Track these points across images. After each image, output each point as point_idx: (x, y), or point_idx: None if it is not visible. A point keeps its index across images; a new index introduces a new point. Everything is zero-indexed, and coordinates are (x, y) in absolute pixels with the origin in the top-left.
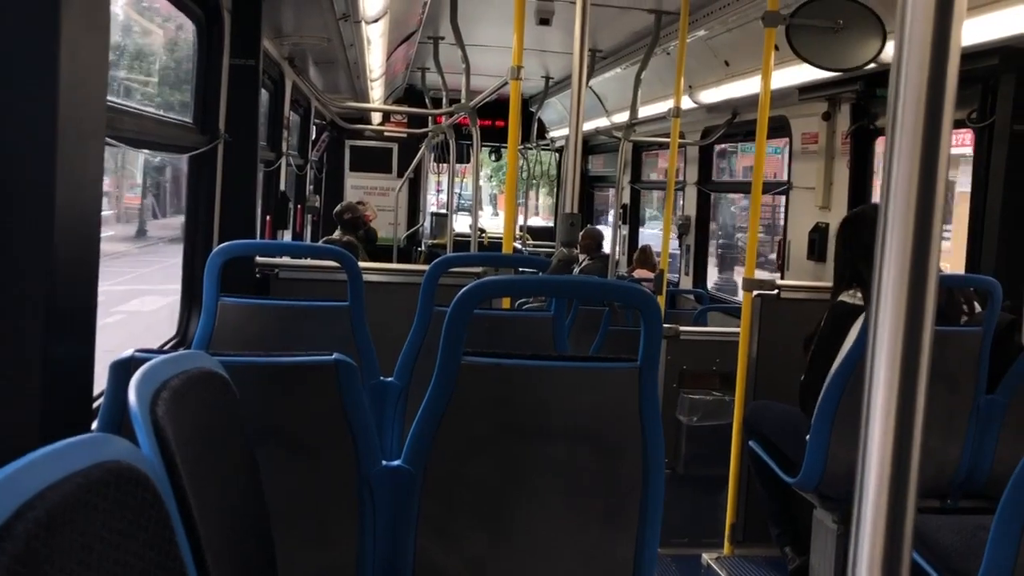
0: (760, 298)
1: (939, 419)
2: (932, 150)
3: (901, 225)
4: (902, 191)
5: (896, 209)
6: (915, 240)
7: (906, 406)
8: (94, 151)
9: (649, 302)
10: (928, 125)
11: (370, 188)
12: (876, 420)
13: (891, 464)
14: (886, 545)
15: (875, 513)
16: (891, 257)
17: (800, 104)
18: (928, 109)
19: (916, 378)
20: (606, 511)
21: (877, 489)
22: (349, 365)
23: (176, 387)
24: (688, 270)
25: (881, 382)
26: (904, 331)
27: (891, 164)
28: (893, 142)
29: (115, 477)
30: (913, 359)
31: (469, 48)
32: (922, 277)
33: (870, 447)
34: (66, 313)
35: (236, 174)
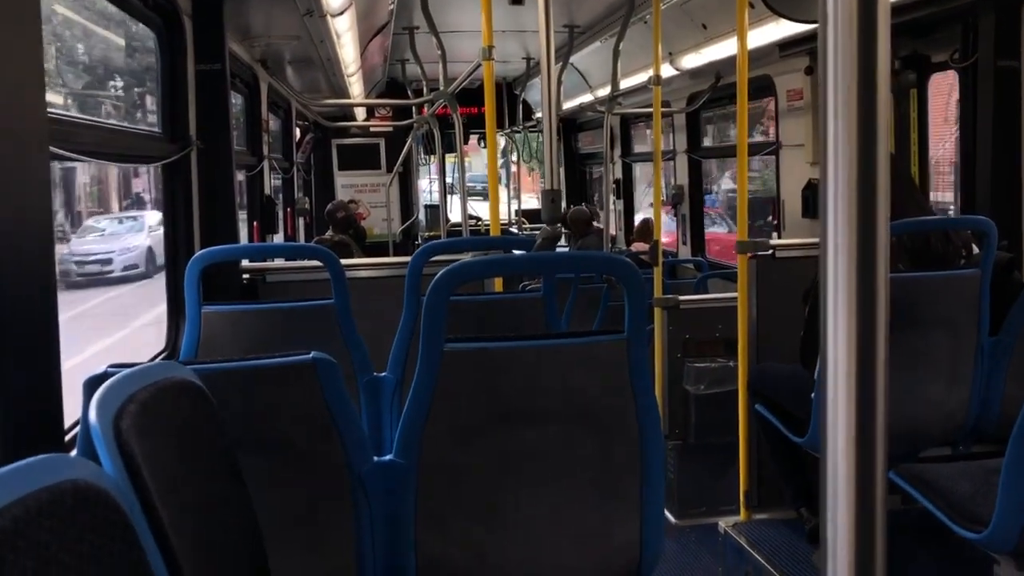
0: (756, 260)
1: (943, 365)
2: (869, 99)
3: (844, 175)
4: (843, 141)
5: (839, 159)
6: (859, 186)
7: (865, 356)
8: (37, 165)
9: (626, 269)
10: (862, 73)
11: (360, 186)
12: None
13: (855, 418)
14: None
15: (845, 474)
16: (833, 206)
17: (782, 61)
18: (861, 54)
19: (874, 328)
20: (606, 489)
21: (845, 445)
22: (328, 362)
23: (144, 400)
24: (685, 239)
25: (834, 334)
26: (857, 279)
27: (828, 120)
28: (828, 92)
29: (70, 498)
30: (868, 308)
31: (444, 35)
32: (871, 222)
33: (834, 403)
34: (23, 335)
35: (212, 180)
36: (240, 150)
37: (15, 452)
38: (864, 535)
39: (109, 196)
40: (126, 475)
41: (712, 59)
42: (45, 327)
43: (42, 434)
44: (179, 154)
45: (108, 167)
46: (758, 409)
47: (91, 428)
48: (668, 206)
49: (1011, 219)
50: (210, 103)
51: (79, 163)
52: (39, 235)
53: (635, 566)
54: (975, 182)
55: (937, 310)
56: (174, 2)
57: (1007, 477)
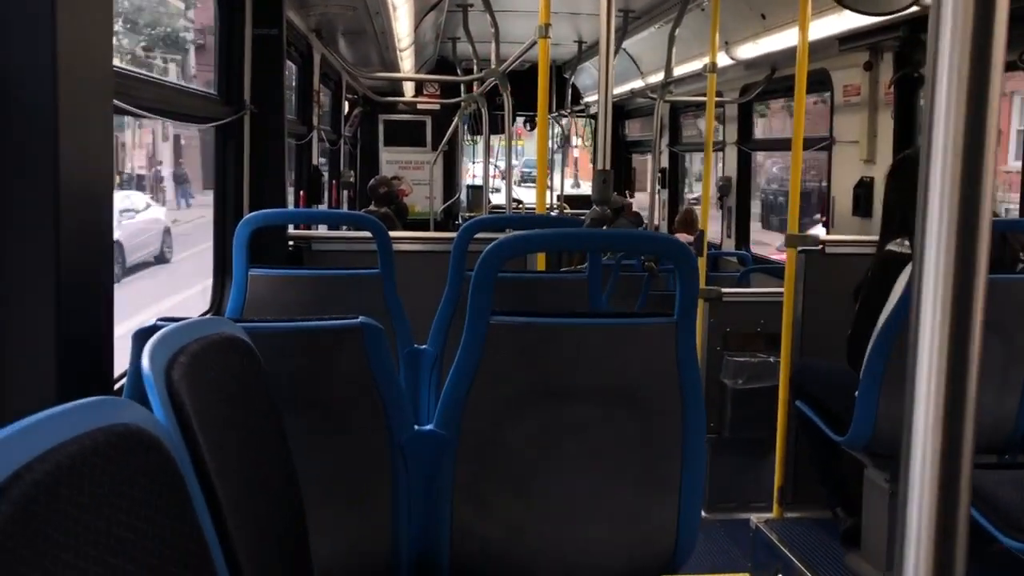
0: (804, 255)
1: (994, 372)
2: (980, 90)
3: (950, 170)
4: (949, 134)
5: (941, 153)
6: (963, 184)
7: (958, 359)
8: (101, 118)
9: (681, 251)
10: (974, 66)
11: (405, 162)
12: (923, 376)
13: (943, 422)
14: (939, 508)
15: (926, 475)
16: (937, 203)
17: (841, 55)
18: (974, 50)
19: (968, 330)
20: (645, 473)
21: (928, 449)
22: (375, 328)
23: (195, 352)
24: (730, 232)
25: (928, 334)
26: (954, 280)
27: (934, 109)
28: (935, 84)
29: (124, 440)
30: (964, 310)
31: (498, 14)
32: (973, 222)
33: (918, 405)
34: (79, 287)
35: (263, 146)
36: (291, 119)
37: (67, 396)
38: (946, 548)
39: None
40: (176, 424)
41: (769, 50)
42: (101, 279)
43: (93, 381)
44: (232, 117)
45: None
46: (799, 405)
47: (144, 375)
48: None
49: None
50: (265, 68)
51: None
52: (100, 185)
53: (669, 555)
54: None
55: (990, 315)
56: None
57: None
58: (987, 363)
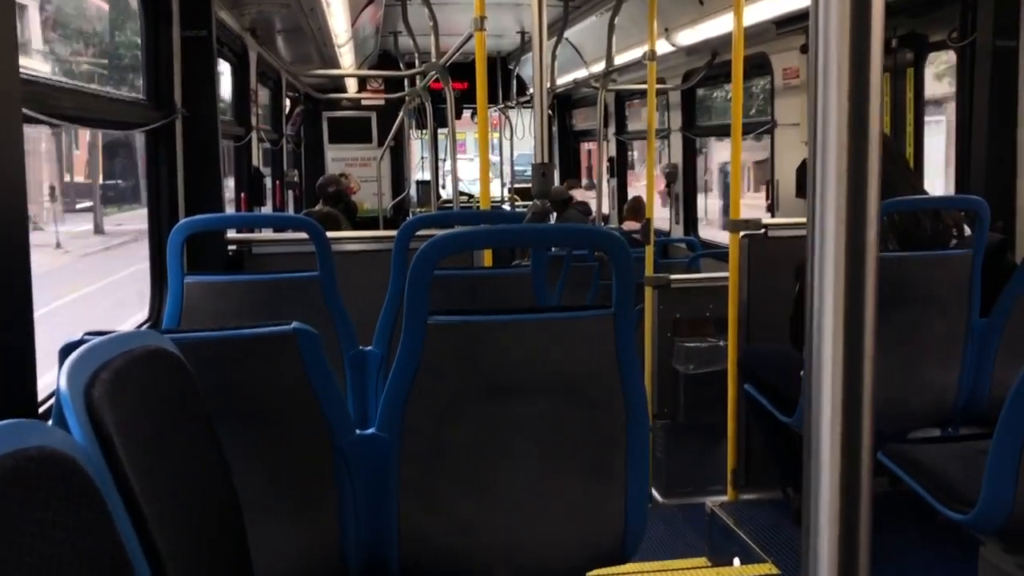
0: (748, 239)
1: (933, 346)
2: (862, 74)
3: (835, 154)
4: (833, 115)
5: (829, 132)
6: (851, 166)
7: (853, 341)
8: (8, 128)
9: (614, 243)
10: (855, 51)
11: (351, 159)
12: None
13: (842, 401)
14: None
15: (829, 456)
16: (827, 183)
17: (778, 39)
18: (854, 38)
19: (862, 310)
20: (591, 465)
21: (829, 433)
22: (309, 333)
23: (118, 367)
24: (678, 219)
25: (827, 314)
26: (846, 264)
27: (818, 95)
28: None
29: (36, 465)
30: (857, 290)
31: (436, 7)
32: (862, 204)
33: (819, 386)
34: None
35: (197, 149)
36: (227, 120)
37: None
38: (849, 516)
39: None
40: (96, 443)
41: (708, 36)
42: (19, 294)
43: (13, 403)
44: (163, 121)
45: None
46: (747, 389)
47: (60, 395)
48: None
49: (1005, 200)
50: (196, 71)
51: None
52: (11, 199)
53: (619, 543)
54: (970, 162)
55: (927, 290)
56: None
57: (994, 459)
58: (926, 338)
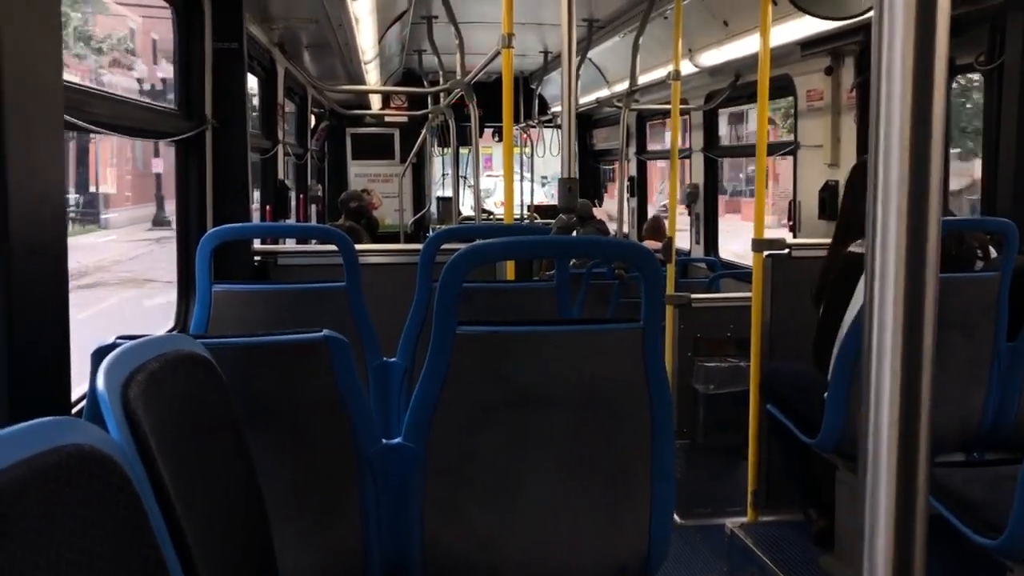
0: (771, 259)
1: (959, 370)
2: (925, 91)
3: (897, 172)
4: (895, 138)
5: (890, 157)
6: (912, 186)
7: (912, 359)
8: (51, 134)
9: (645, 256)
10: (918, 68)
11: (373, 175)
12: (883, 375)
13: (899, 419)
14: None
15: (887, 472)
16: (887, 205)
17: (803, 61)
18: (918, 54)
19: (921, 328)
20: (616, 480)
21: (887, 447)
22: (340, 341)
23: (153, 370)
24: (699, 239)
25: (887, 334)
26: (905, 280)
27: (879, 113)
28: (880, 89)
29: (76, 462)
30: (917, 308)
31: (463, 26)
32: (923, 224)
33: (878, 403)
34: (32, 306)
35: (226, 160)
36: (255, 133)
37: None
38: (904, 543)
39: None
40: (132, 443)
41: (732, 57)
42: (56, 296)
43: (49, 402)
44: (194, 131)
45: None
46: (769, 409)
47: (98, 395)
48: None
49: None
50: (226, 83)
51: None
52: (52, 202)
53: (642, 561)
54: (997, 185)
55: (954, 313)
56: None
57: (1023, 483)
58: (951, 361)
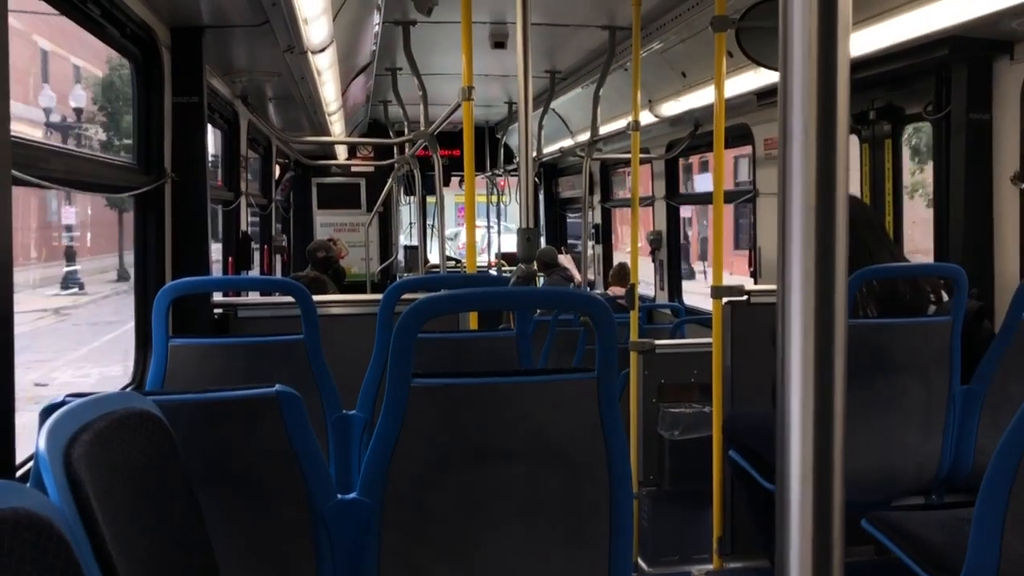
0: (731, 305)
1: (915, 413)
2: (828, 149)
3: (803, 226)
4: (800, 194)
5: (796, 213)
6: (818, 236)
7: (823, 403)
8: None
9: (597, 306)
10: (821, 129)
11: (340, 225)
12: (793, 421)
13: (813, 471)
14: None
15: (799, 534)
16: (794, 256)
17: (760, 110)
18: (820, 113)
19: (832, 377)
20: (574, 532)
21: (798, 513)
22: (292, 396)
23: (99, 429)
24: (663, 285)
25: (794, 381)
26: (815, 335)
27: (787, 165)
28: (787, 146)
29: (11, 526)
30: (827, 355)
31: (426, 77)
32: (830, 277)
33: (788, 455)
34: None
35: (186, 213)
36: (217, 186)
37: None
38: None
39: None
40: (73, 505)
41: (691, 107)
42: (1, 355)
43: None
44: (152, 185)
45: None
46: (732, 455)
47: (39, 456)
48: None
49: (982, 268)
50: (186, 136)
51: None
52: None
53: None
54: (948, 231)
55: (907, 357)
56: (152, 33)
57: (977, 526)
58: (907, 405)
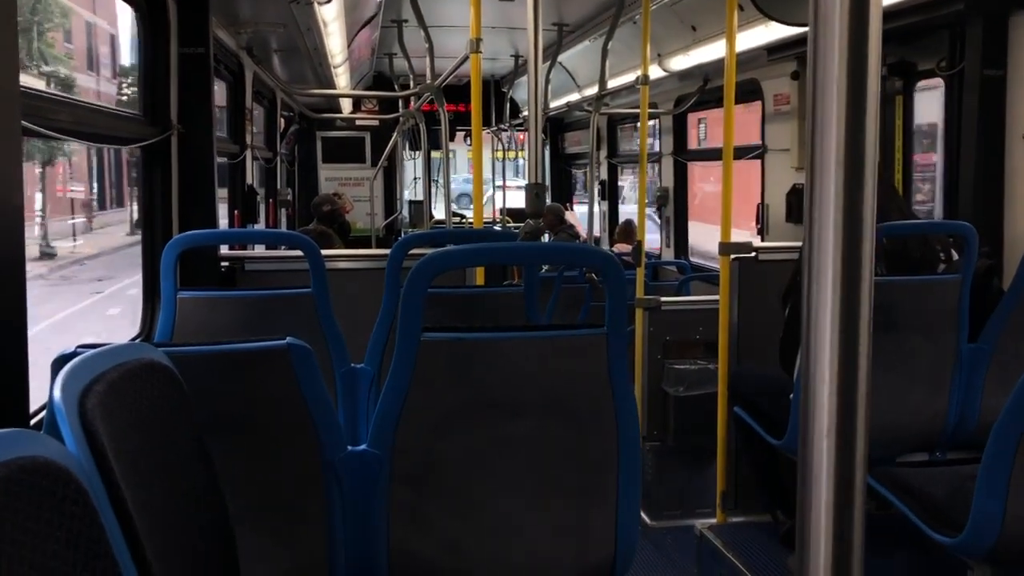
0: (738, 262)
1: (922, 371)
2: (859, 98)
3: (834, 177)
4: (830, 141)
5: (824, 165)
6: (847, 189)
7: (848, 359)
8: (8, 141)
9: (608, 262)
10: (852, 78)
11: (344, 179)
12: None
13: (837, 422)
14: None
15: (824, 480)
16: (822, 208)
17: (770, 65)
18: (851, 63)
19: (857, 332)
20: (581, 485)
21: (824, 448)
22: (303, 349)
23: (113, 380)
24: (669, 242)
25: (824, 338)
26: (842, 284)
27: (816, 120)
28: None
29: (29, 475)
30: (853, 310)
31: (432, 29)
32: (858, 230)
33: (816, 409)
34: None
35: (193, 166)
36: (222, 138)
37: None
38: (842, 539)
39: None
40: (89, 454)
41: (700, 61)
42: (14, 306)
43: (7, 413)
44: (159, 137)
45: None
46: (737, 411)
47: (54, 405)
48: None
49: (993, 226)
50: (192, 88)
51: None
52: (9, 210)
53: (609, 563)
54: (958, 189)
55: (916, 315)
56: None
57: (982, 483)
58: (914, 363)
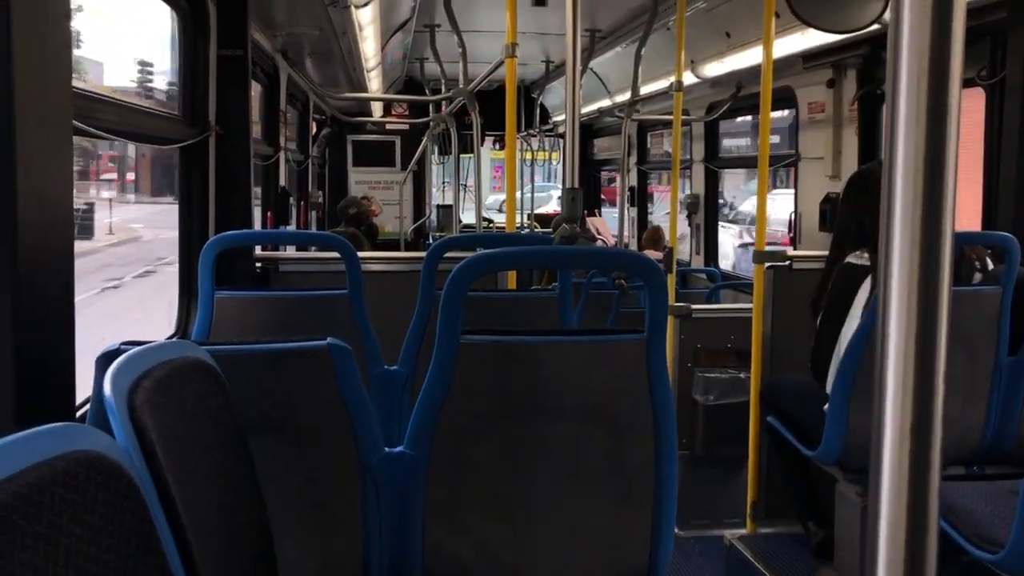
0: (772, 270)
1: (960, 384)
2: (939, 105)
3: (911, 186)
4: (910, 151)
5: (903, 169)
6: (925, 200)
7: (924, 374)
8: (60, 139)
9: (649, 267)
10: (933, 82)
11: (374, 182)
12: (890, 391)
13: (910, 437)
14: (908, 523)
15: (895, 491)
16: (900, 218)
17: (805, 73)
18: (932, 66)
19: (934, 344)
20: (619, 491)
21: (896, 464)
22: (343, 349)
23: (160, 377)
24: (699, 249)
25: (894, 350)
26: (918, 296)
27: (894, 125)
28: (895, 101)
29: (84, 468)
30: (930, 324)
31: (466, 34)
32: (936, 238)
33: (885, 421)
34: (39, 312)
35: (229, 167)
36: (257, 140)
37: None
38: (915, 562)
39: None
40: (139, 449)
41: (734, 68)
42: (62, 300)
43: (54, 407)
44: (197, 138)
45: None
46: (770, 421)
47: (105, 400)
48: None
49: None
50: (230, 89)
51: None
52: (60, 207)
53: (643, 572)
54: (998, 199)
55: (955, 327)
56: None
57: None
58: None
